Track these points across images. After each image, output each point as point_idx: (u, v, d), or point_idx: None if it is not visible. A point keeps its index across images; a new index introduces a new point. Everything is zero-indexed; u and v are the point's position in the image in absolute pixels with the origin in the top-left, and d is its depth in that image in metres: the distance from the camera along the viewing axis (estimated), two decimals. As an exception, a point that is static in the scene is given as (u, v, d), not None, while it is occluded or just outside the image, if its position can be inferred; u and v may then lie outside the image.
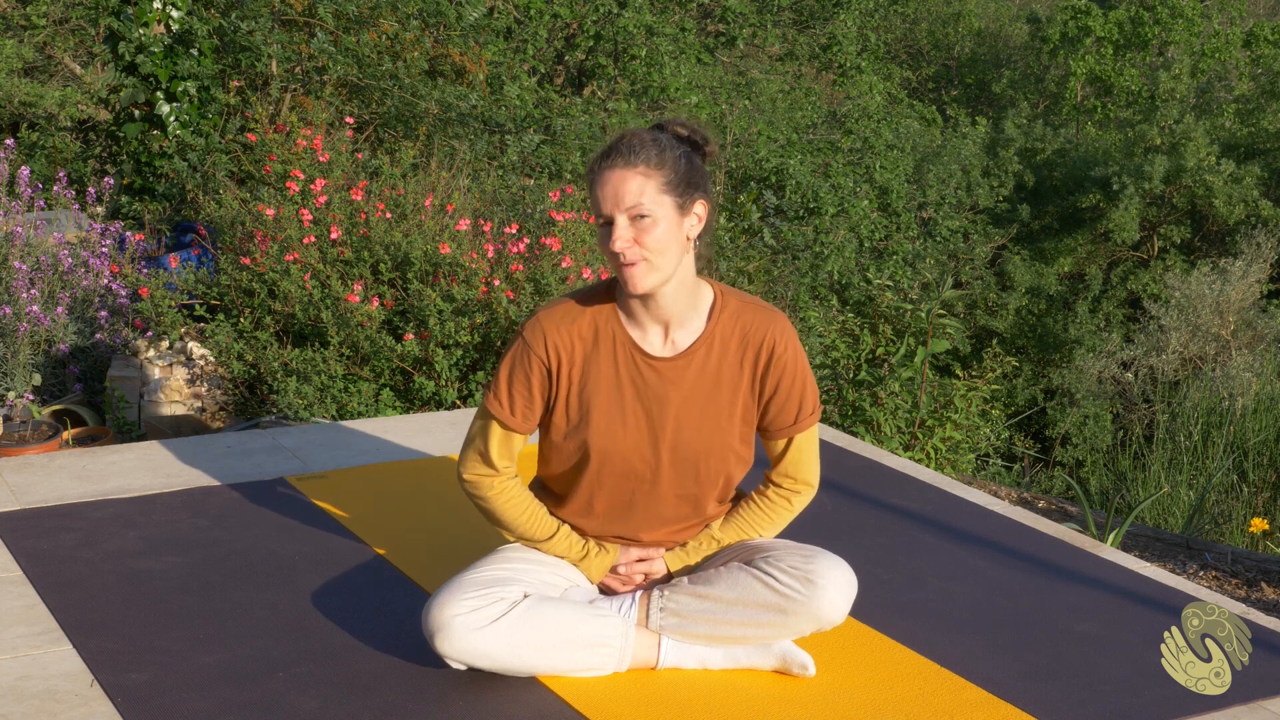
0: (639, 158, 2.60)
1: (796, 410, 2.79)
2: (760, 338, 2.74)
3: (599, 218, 2.63)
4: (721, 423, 2.75)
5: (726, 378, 2.73)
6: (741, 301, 2.76)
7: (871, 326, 6.16)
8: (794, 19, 14.61)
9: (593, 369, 2.70)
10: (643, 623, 2.75)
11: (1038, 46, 20.90)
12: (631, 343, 2.71)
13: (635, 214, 2.59)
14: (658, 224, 2.59)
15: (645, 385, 2.71)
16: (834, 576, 2.71)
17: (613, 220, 2.60)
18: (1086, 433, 12.04)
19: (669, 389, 2.71)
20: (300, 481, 3.81)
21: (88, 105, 12.22)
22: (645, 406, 2.71)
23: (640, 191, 2.59)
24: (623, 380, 2.71)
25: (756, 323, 2.74)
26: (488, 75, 9.90)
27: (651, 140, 2.63)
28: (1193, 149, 15.49)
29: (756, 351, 2.74)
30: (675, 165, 2.62)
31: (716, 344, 2.73)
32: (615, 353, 2.71)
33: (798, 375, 2.77)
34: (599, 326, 2.72)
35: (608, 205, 2.60)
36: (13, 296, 5.17)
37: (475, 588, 2.65)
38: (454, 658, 2.64)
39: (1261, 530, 5.06)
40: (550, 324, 2.71)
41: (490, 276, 5.23)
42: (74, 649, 2.79)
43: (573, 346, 2.70)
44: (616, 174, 2.60)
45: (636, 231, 2.59)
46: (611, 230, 2.60)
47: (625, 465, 2.73)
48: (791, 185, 9.98)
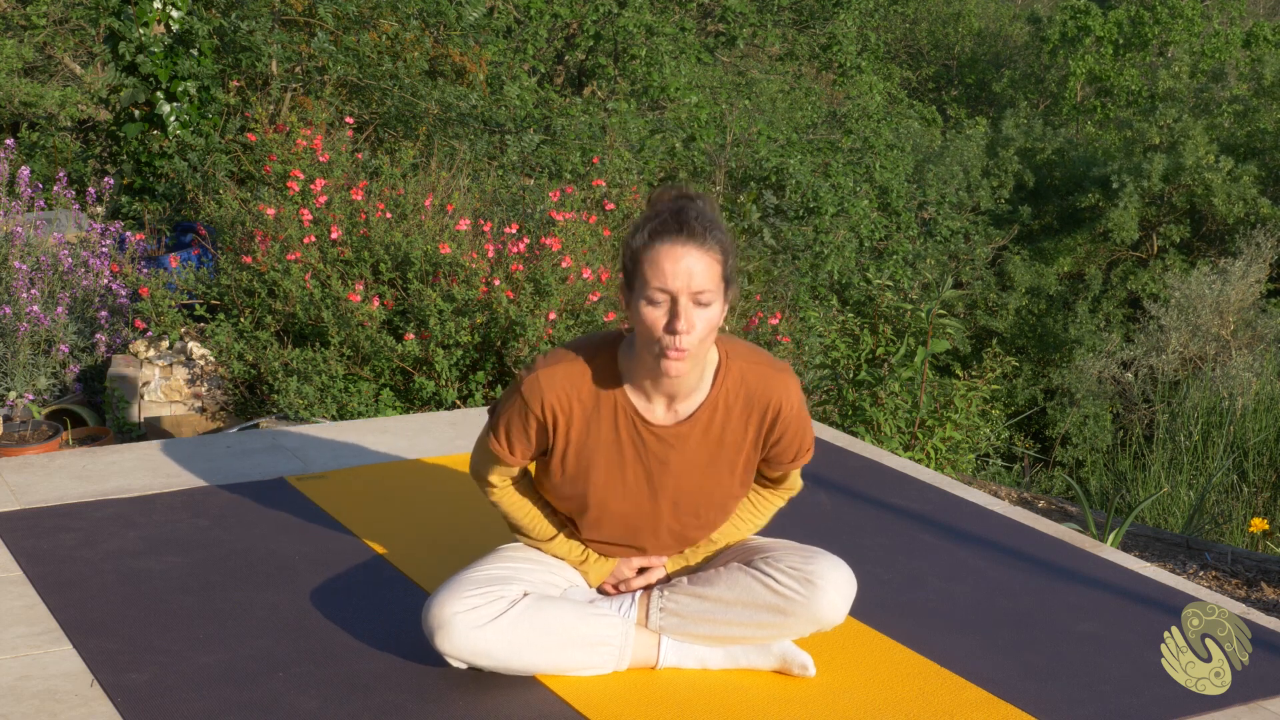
0: (712, 239, 2.47)
1: (795, 452, 2.77)
2: (766, 401, 2.67)
3: (655, 290, 2.45)
4: (723, 478, 2.73)
5: (730, 439, 2.69)
6: (746, 362, 2.67)
7: (871, 326, 6.16)
8: (794, 19, 14.62)
9: (592, 430, 2.65)
10: (642, 622, 2.75)
11: (1038, 46, 20.91)
12: (634, 409, 2.64)
13: (699, 300, 2.46)
14: (714, 311, 2.48)
15: (646, 449, 2.67)
16: (833, 578, 2.71)
17: (674, 297, 2.45)
18: (1086, 433, 12.04)
19: (670, 452, 2.67)
20: (300, 481, 3.81)
21: (88, 105, 12.22)
22: (645, 466, 2.68)
23: (708, 275, 2.45)
24: (623, 442, 2.66)
25: (761, 386, 2.66)
26: (488, 75, 9.90)
27: (716, 221, 2.49)
28: (1191, 147, 15.49)
29: (762, 414, 2.68)
30: (732, 252, 2.52)
31: (720, 409, 2.66)
32: (616, 418, 2.64)
33: (800, 426, 2.73)
34: (600, 391, 2.63)
35: (675, 282, 2.43)
36: (13, 296, 5.17)
37: (475, 586, 2.66)
38: (454, 656, 2.64)
39: (1261, 530, 5.06)
40: (549, 384, 2.62)
41: (490, 276, 5.23)
42: (74, 649, 2.79)
43: (571, 408, 2.64)
44: (693, 253, 2.44)
45: (698, 317, 2.47)
46: (675, 308, 2.45)
47: (623, 516, 2.73)
48: (791, 185, 9.98)
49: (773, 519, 2.99)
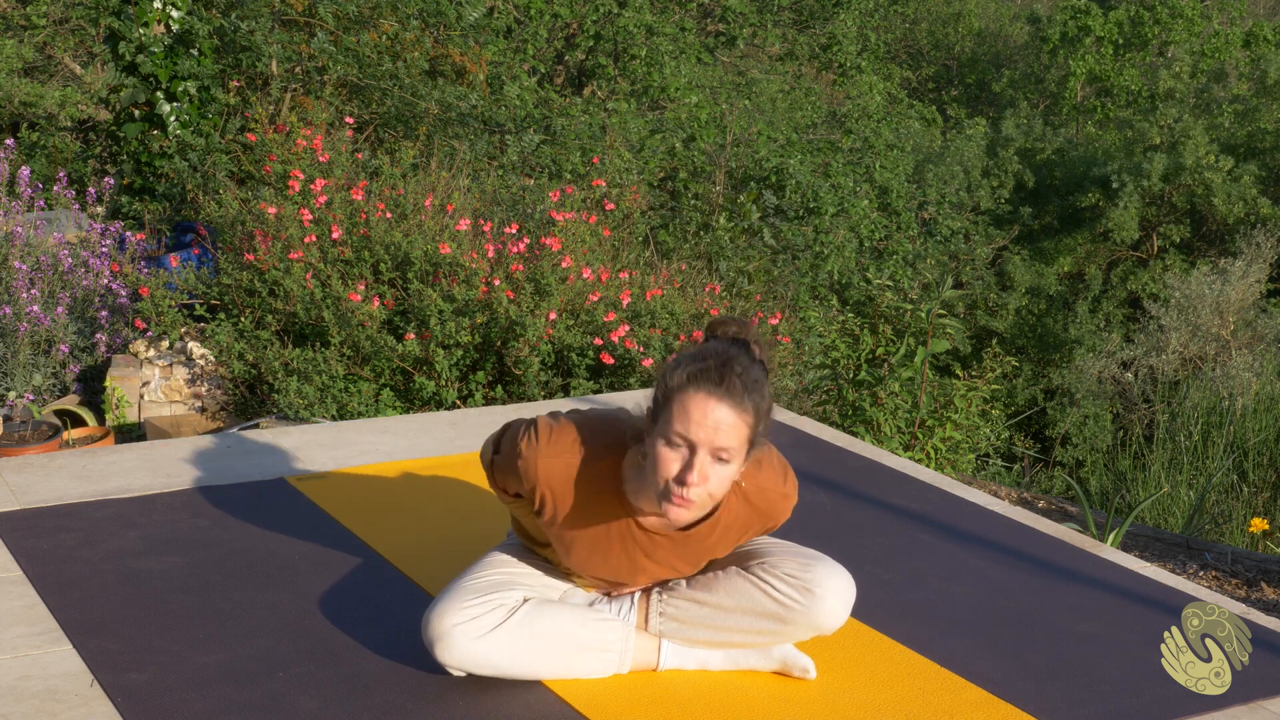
0: (748, 401, 2.40)
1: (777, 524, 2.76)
2: (765, 521, 2.67)
3: (677, 435, 2.40)
4: (712, 559, 2.74)
5: (722, 542, 2.68)
6: (754, 485, 2.61)
7: (871, 326, 6.16)
8: (794, 19, 14.62)
9: (581, 521, 2.61)
10: (642, 626, 2.74)
11: (1038, 46, 20.91)
12: (632, 520, 2.61)
13: (719, 456, 2.40)
14: (730, 466, 2.43)
15: (636, 545, 2.65)
16: (832, 585, 2.70)
17: (695, 449, 2.39)
18: (1086, 433, 12.04)
19: (659, 550, 2.66)
20: (300, 481, 3.81)
21: (88, 105, 12.22)
22: (630, 555, 2.67)
23: (734, 434, 2.39)
24: (612, 536, 2.64)
25: (765, 507, 2.64)
26: (488, 75, 9.90)
27: (757, 382, 2.43)
28: (1192, 147, 15.49)
29: (762, 525, 2.68)
30: (767, 415, 2.46)
31: (720, 524, 2.63)
32: (610, 521, 2.61)
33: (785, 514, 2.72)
34: (600, 494, 2.59)
35: (699, 434, 2.38)
36: (13, 296, 5.17)
37: (474, 595, 2.64)
38: (454, 666, 2.63)
39: (1261, 530, 5.06)
40: (546, 474, 2.57)
41: (490, 276, 5.23)
42: (74, 649, 2.78)
43: (564, 498, 2.58)
44: (724, 411, 2.38)
45: (713, 472, 2.42)
46: (692, 459, 2.39)
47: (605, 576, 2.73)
48: (791, 185, 9.98)
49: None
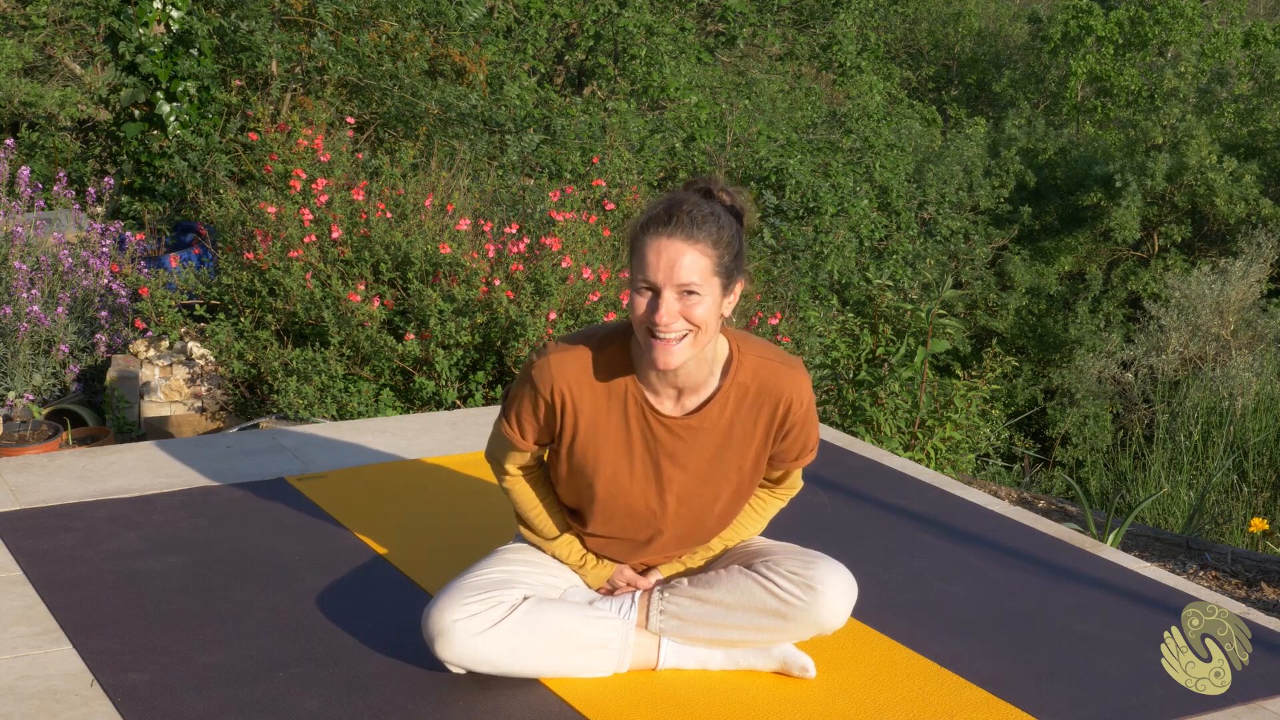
0: (700, 233, 2.48)
1: (799, 450, 2.77)
2: (777, 396, 2.66)
3: (641, 280, 2.49)
4: (730, 474, 2.72)
5: (739, 433, 2.68)
6: (758, 360, 2.67)
7: (871, 326, 6.16)
8: (794, 19, 14.62)
9: (601, 419, 2.66)
10: (642, 624, 2.74)
11: (1038, 46, 20.90)
12: (643, 398, 2.64)
13: (685, 290, 2.48)
14: (703, 302, 2.49)
15: (655, 440, 2.66)
16: (834, 583, 2.71)
17: (659, 290, 2.48)
18: (1086, 433, 12.04)
19: (679, 444, 2.67)
20: (300, 481, 3.81)
21: (88, 105, 12.22)
22: (654, 458, 2.68)
23: (694, 268, 2.47)
24: (632, 433, 2.66)
25: (773, 381, 2.66)
26: (488, 75, 9.90)
27: (710, 215, 2.50)
28: (1194, 147, 15.49)
29: (774, 409, 2.68)
30: (730, 245, 2.52)
31: (731, 402, 2.65)
32: (626, 406, 2.64)
33: (808, 424, 2.73)
34: (610, 379, 2.64)
35: (659, 275, 2.47)
36: (13, 296, 5.17)
37: (475, 592, 2.65)
38: (454, 663, 2.64)
39: (1261, 530, 5.06)
40: (559, 369, 2.62)
41: (490, 276, 5.23)
42: (74, 649, 2.79)
43: (580, 394, 2.64)
44: (675, 245, 2.47)
45: (682, 306, 2.48)
46: (656, 300, 2.48)
47: (630, 509, 2.72)
48: (791, 185, 9.98)
49: (775, 519, 2.99)
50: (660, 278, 2.47)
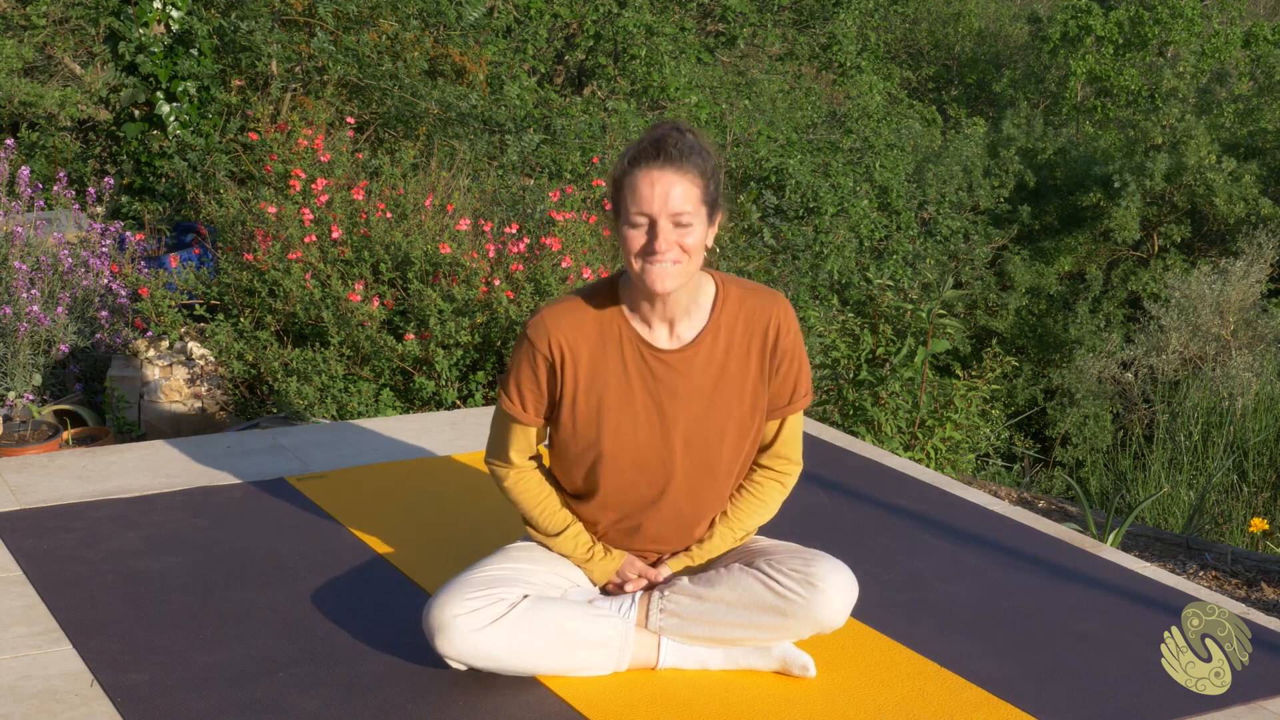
0: (689, 164, 2.59)
1: (792, 390, 2.82)
2: (765, 321, 2.76)
3: (634, 215, 2.59)
4: (731, 409, 2.76)
5: (734, 365, 2.75)
6: (742, 289, 2.78)
7: (871, 326, 6.16)
8: (794, 19, 14.62)
9: (600, 367, 2.71)
10: (642, 623, 2.74)
11: (1038, 46, 20.89)
12: (638, 337, 2.72)
13: (678, 221, 2.58)
14: (695, 230, 2.60)
15: (654, 379, 2.71)
16: (834, 580, 2.71)
17: (654, 220, 2.58)
18: (1086, 433, 12.04)
19: (678, 380, 2.72)
20: (300, 481, 3.81)
21: (88, 105, 12.22)
22: (655, 400, 2.72)
23: (686, 198, 2.58)
24: (631, 376, 2.71)
25: (760, 307, 2.77)
26: (488, 75, 9.90)
27: (693, 147, 2.62)
28: (1194, 147, 15.49)
29: (764, 336, 2.76)
30: (714, 176, 2.64)
31: (722, 332, 2.74)
32: (622, 349, 2.71)
33: (797, 356, 2.81)
34: (604, 323, 2.71)
35: (654, 206, 2.57)
36: (13, 296, 5.17)
37: (476, 588, 2.65)
38: (454, 658, 2.64)
39: (1261, 530, 5.06)
40: (554, 322, 2.70)
41: (490, 276, 5.23)
42: (74, 649, 2.79)
43: (577, 344, 2.70)
44: (669, 176, 2.58)
45: (677, 236, 2.59)
46: (653, 230, 2.58)
47: (638, 460, 2.73)
48: (791, 185, 9.98)
49: (775, 519, 2.98)
50: (655, 208, 2.57)
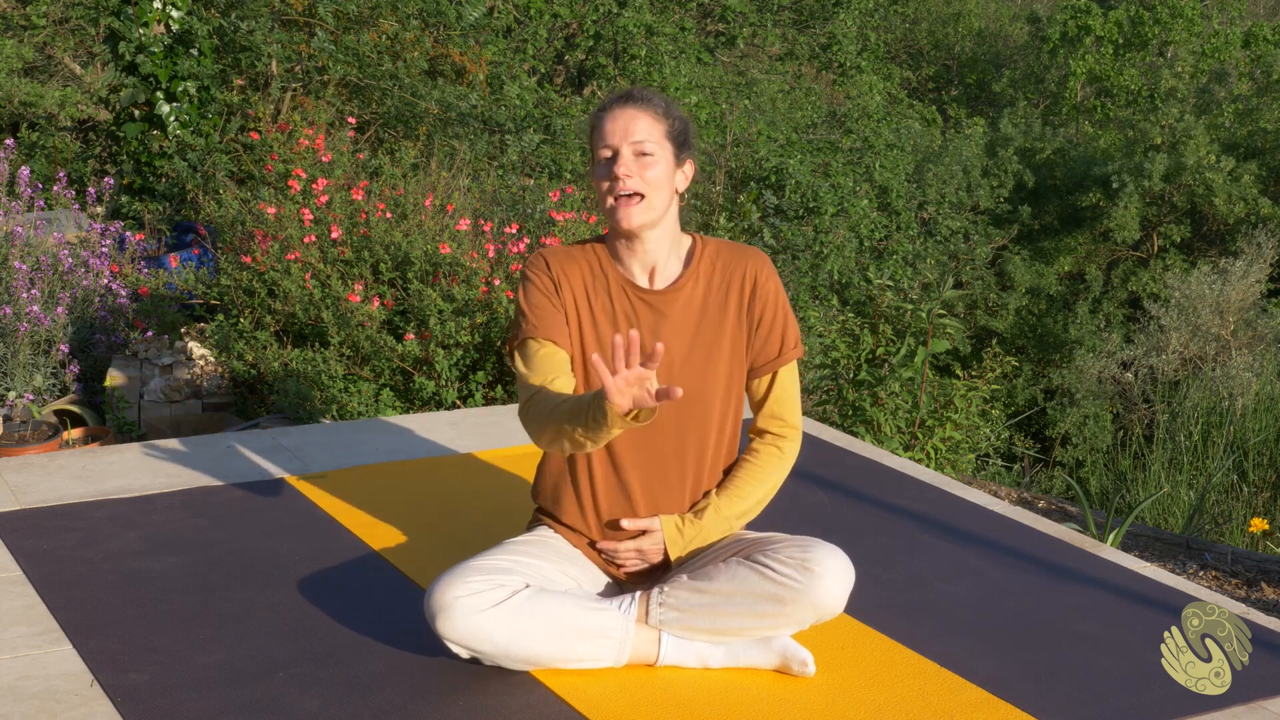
0: (651, 104, 2.81)
1: (780, 343, 2.91)
2: (743, 270, 2.90)
3: (600, 151, 2.78)
4: (712, 355, 2.87)
5: (713, 310, 2.88)
6: (720, 243, 2.94)
7: (871, 326, 6.16)
8: (794, 19, 14.62)
9: (594, 301, 2.85)
10: (642, 618, 2.75)
11: (1038, 46, 20.89)
12: (622, 278, 2.87)
13: (639, 150, 2.77)
14: (658, 163, 2.77)
15: (638, 319, 2.84)
16: (831, 565, 2.72)
17: (617, 152, 2.76)
18: (1086, 433, 12.04)
19: (661, 321, 2.84)
20: (300, 481, 3.81)
21: (88, 105, 12.22)
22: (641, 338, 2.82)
23: (649, 131, 2.78)
24: (618, 314, 2.84)
25: (737, 258, 2.92)
26: (488, 75, 9.90)
27: (661, 97, 2.85)
28: (1193, 147, 15.49)
29: (740, 284, 2.89)
30: (679, 120, 2.84)
31: (701, 278, 2.88)
32: (609, 288, 2.86)
33: (780, 306, 2.92)
34: (593, 265, 2.88)
35: (615, 137, 2.77)
36: (13, 296, 5.17)
37: (479, 573, 2.67)
38: (454, 640, 2.64)
39: (1261, 530, 5.06)
40: (551, 256, 2.88)
41: (490, 276, 5.23)
42: (74, 649, 2.79)
43: (572, 276, 2.85)
44: (629, 112, 2.79)
45: (639, 166, 2.76)
46: (615, 161, 2.76)
47: None
48: (791, 185, 9.98)
49: (774, 519, 2.98)
50: (617, 139, 2.77)
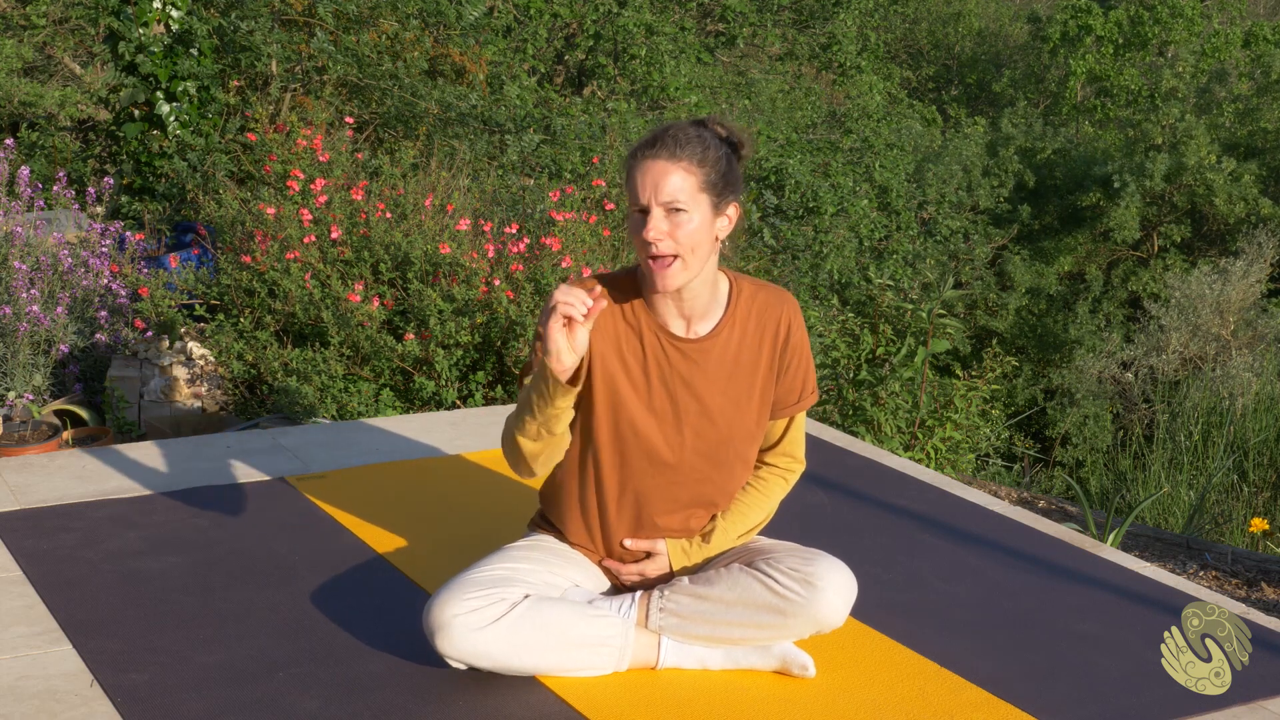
0: (684, 153, 2.61)
1: (800, 388, 2.85)
2: (777, 317, 2.80)
3: (634, 205, 2.64)
4: (741, 404, 2.78)
5: (746, 359, 2.78)
6: (754, 285, 2.82)
7: (872, 326, 6.16)
8: (794, 19, 14.62)
9: (620, 348, 2.72)
10: (642, 623, 2.74)
11: (1038, 46, 20.89)
12: (658, 325, 2.74)
13: (672, 208, 2.60)
14: (692, 220, 2.61)
15: (671, 367, 2.74)
16: (833, 579, 2.71)
17: (648, 210, 2.61)
18: (1086, 433, 12.04)
19: (694, 370, 2.75)
20: (300, 481, 3.81)
21: (88, 105, 12.22)
22: (669, 389, 2.73)
23: (680, 187, 2.60)
24: (649, 361, 2.73)
25: (771, 303, 2.81)
26: (488, 75, 9.90)
27: (696, 137, 2.63)
28: (1193, 147, 15.49)
29: (775, 331, 2.80)
30: (716, 165, 2.64)
31: (737, 326, 2.77)
32: (641, 333, 2.73)
33: (805, 354, 2.85)
34: (625, 307, 2.74)
35: (645, 194, 2.61)
36: (13, 296, 5.17)
37: (476, 587, 2.65)
38: (454, 657, 2.64)
39: (1261, 530, 5.06)
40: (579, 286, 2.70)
41: (490, 276, 5.23)
42: (74, 649, 2.78)
43: (602, 319, 2.71)
44: (659, 165, 2.61)
45: (671, 225, 2.60)
46: (646, 220, 2.61)
47: (649, 448, 2.74)
48: (791, 185, 9.98)
49: (774, 519, 2.98)
50: (647, 196, 2.60)
